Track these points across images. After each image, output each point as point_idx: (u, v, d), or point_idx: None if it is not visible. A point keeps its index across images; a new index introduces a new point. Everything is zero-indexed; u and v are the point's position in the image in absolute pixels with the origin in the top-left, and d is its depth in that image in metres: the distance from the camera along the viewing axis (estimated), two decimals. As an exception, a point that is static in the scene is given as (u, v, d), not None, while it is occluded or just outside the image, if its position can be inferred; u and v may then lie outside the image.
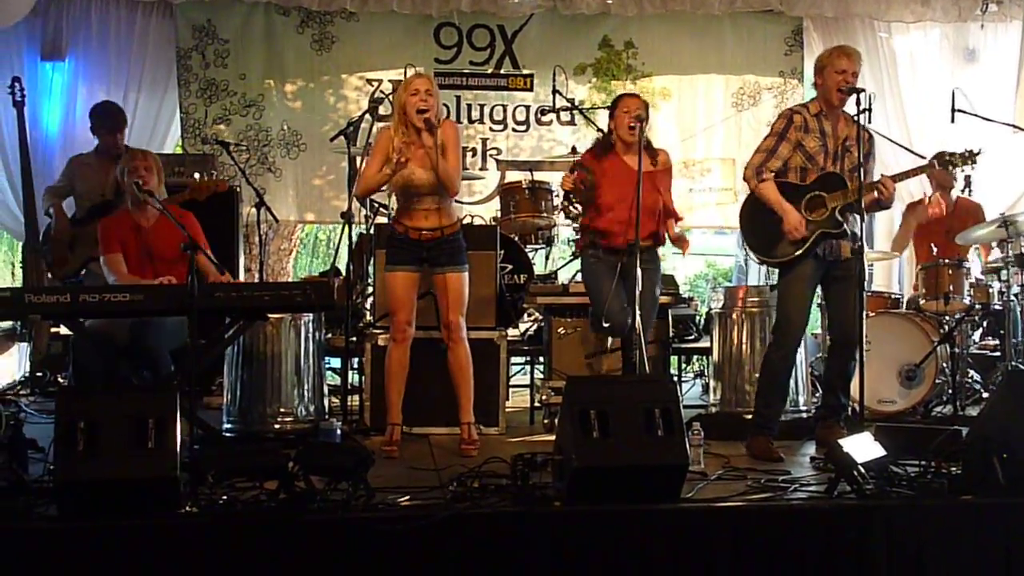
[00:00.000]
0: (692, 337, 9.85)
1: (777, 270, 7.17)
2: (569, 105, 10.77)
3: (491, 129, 11.75)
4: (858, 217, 6.69)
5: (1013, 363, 8.69)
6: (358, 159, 8.62)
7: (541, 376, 8.70)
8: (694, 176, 11.78)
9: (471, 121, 11.72)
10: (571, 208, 7.62)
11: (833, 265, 6.99)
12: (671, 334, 8.62)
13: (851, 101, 6.81)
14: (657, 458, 5.27)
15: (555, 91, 10.28)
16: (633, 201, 6.79)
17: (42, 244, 9.36)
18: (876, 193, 6.84)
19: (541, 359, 8.81)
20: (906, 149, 7.18)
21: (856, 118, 6.73)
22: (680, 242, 7.37)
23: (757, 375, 7.46)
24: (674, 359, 9.89)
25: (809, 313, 7.15)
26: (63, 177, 9.23)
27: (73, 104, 10.96)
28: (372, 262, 8.61)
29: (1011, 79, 11.47)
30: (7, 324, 9.79)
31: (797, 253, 6.89)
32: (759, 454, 6.76)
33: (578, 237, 7.73)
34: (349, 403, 8.18)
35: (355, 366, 8.71)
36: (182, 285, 6.63)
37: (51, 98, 10.99)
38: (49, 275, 9.25)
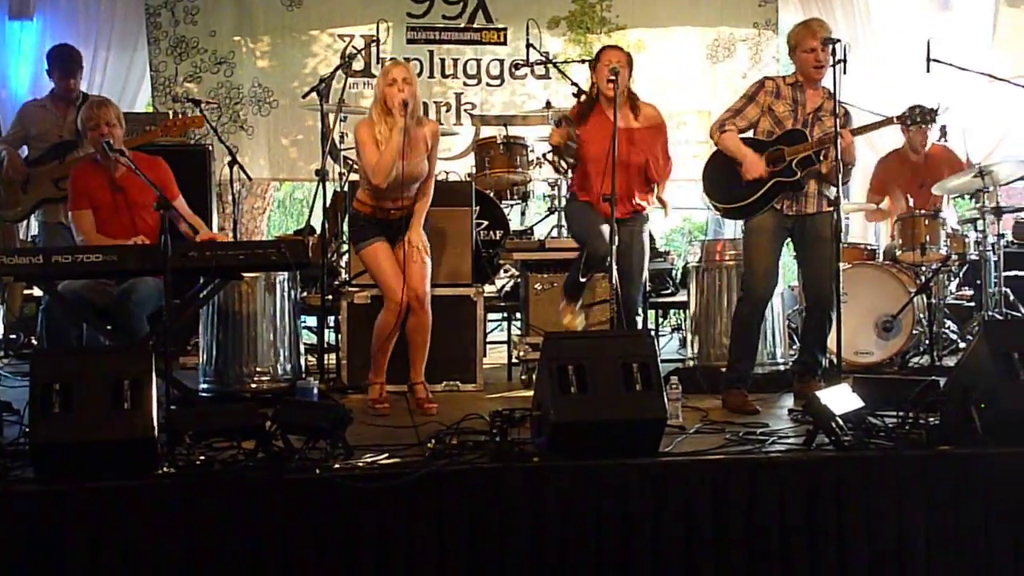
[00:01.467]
0: (669, 291, 9.86)
1: (725, 227, 7.25)
2: (543, 59, 10.73)
3: (464, 84, 11.70)
4: (832, 186, 6.78)
5: (989, 313, 8.71)
6: (330, 116, 8.57)
7: (518, 332, 8.70)
8: (670, 129, 11.69)
9: (444, 76, 11.67)
10: (560, 164, 7.53)
11: (800, 222, 7.01)
12: (648, 289, 8.61)
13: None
14: (635, 413, 5.28)
15: (529, 45, 10.23)
16: (617, 157, 6.78)
17: None
18: (833, 148, 6.83)
19: (518, 315, 8.80)
20: (881, 119, 7.17)
21: (834, 93, 6.72)
22: (662, 203, 7.40)
23: (733, 329, 7.47)
24: (651, 313, 9.89)
25: (776, 266, 7.16)
26: (15, 124, 8.90)
27: (42, 63, 10.78)
28: (347, 220, 8.57)
29: (984, 28, 11.44)
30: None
31: (752, 199, 6.96)
32: (735, 407, 6.78)
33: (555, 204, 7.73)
34: (326, 361, 8.17)
35: (331, 324, 8.69)
36: (155, 245, 6.58)
37: (19, 57, 10.89)
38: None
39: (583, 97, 7.54)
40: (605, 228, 6.98)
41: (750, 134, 7.13)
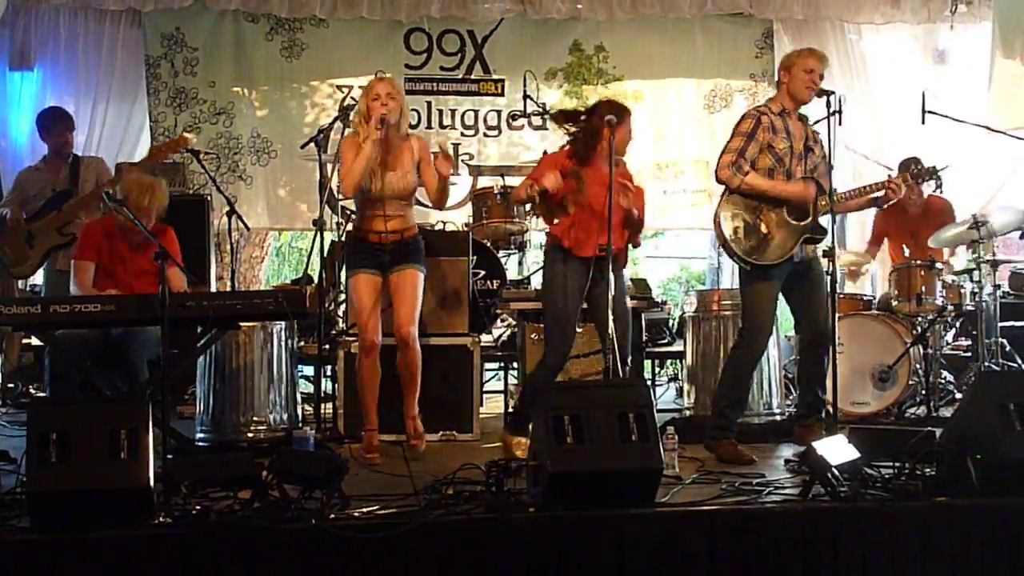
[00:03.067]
0: (666, 341, 9.87)
1: (720, 276, 7.22)
2: (540, 110, 10.78)
3: (462, 134, 11.75)
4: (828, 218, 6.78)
5: (986, 364, 8.70)
6: (329, 166, 8.60)
7: (515, 382, 8.69)
8: (667, 178, 11.79)
9: (442, 127, 11.73)
10: (548, 211, 7.29)
11: (796, 266, 7.04)
12: (644, 338, 8.61)
13: (818, 106, 6.87)
14: (631, 463, 5.28)
15: (526, 96, 10.28)
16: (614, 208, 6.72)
17: None
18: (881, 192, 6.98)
19: (515, 364, 8.80)
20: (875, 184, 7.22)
21: (829, 146, 6.77)
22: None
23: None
24: (648, 363, 9.89)
25: (776, 316, 7.18)
26: (12, 190, 9.04)
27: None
28: (344, 269, 8.59)
29: (981, 79, 11.46)
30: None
31: (785, 257, 6.92)
32: (730, 458, 6.74)
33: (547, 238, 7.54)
34: (323, 411, 8.16)
35: (328, 373, 8.69)
36: (153, 295, 6.60)
37: (20, 108, 10.95)
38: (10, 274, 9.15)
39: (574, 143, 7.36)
40: (572, 322, 7.04)
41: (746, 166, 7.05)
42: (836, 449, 5.59)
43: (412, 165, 7.15)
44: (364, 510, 5.20)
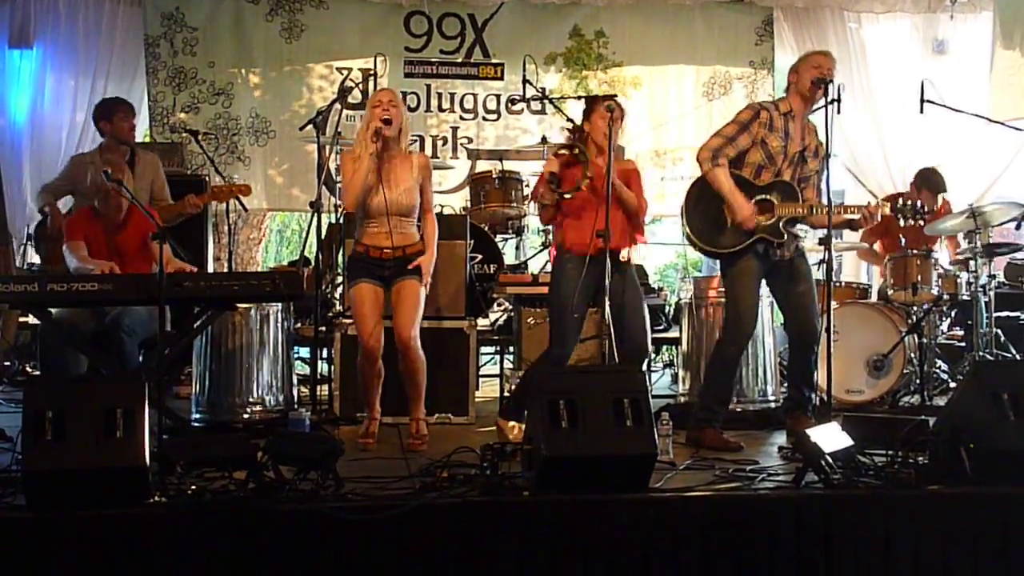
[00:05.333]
0: (662, 327, 9.87)
1: (718, 263, 7.20)
2: (539, 95, 10.78)
3: (461, 118, 11.76)
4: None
5: (980, 353, 8.72)
6: (327, 148, 8.60)
7: (511, 366, 8.71)
8: (665, 165, 11.80)
9: (441, 110, 11.75)
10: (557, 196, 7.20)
11: (776, 264, 7.02)
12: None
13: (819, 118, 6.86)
14: (626, 448, 5.28)
15: (525, 80, 10.28)
16: (612, 198, 6.73)
17: (36, 240, 9.34)
18: (856, 216, 6.95)
19: (511, 349, 8.81)
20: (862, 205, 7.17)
21: (827, 132, 6.71)
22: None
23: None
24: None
25: (758, 306, 7.15)
26: (62, 176, 8.81)
27: (41, 92, 10.91)
28: (341, 251, 8.59)
29: (981, 70, 11.47)
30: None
31: (736, 248, 6.90)
32: (717, 445, 6.74)
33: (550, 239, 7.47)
34: (318, 393, 8.18)
35: (324, 355, 8.69)
36: (150, 274, 6.61)
37: (19, 86, 10.93)
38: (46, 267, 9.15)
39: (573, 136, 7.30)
40: (576, 325, 7.06)
41: (736, 157, 6.96)
42: (830, 436, 5.60)
43: (415, 181, 7.00)
44: (359, 491, 5.21)
